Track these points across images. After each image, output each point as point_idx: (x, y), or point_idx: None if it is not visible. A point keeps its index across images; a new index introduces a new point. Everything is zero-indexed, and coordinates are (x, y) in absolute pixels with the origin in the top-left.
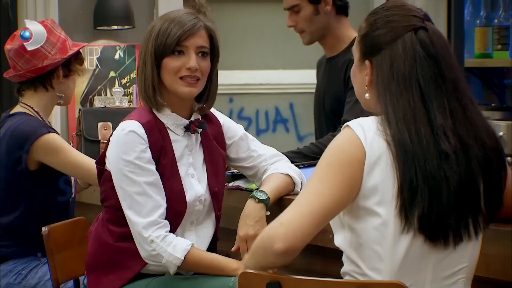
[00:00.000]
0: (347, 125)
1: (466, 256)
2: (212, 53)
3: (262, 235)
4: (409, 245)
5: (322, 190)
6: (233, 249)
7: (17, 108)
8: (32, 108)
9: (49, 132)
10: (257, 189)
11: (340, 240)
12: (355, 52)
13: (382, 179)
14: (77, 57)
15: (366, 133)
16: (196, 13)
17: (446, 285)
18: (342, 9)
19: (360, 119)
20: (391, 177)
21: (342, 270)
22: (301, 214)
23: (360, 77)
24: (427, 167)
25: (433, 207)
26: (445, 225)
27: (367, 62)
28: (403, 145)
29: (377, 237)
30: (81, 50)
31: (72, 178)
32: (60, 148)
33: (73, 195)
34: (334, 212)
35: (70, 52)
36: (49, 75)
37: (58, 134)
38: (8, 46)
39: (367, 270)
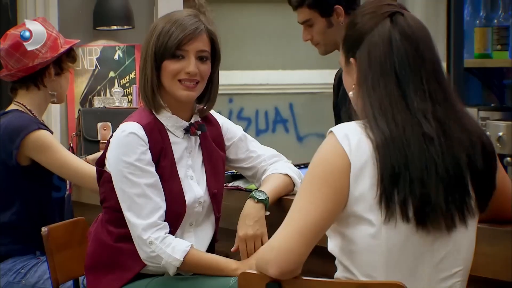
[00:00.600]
0: (331, 131)
1: (460, 255)
2: (213, 56)
3: (257, 259)
4: (403, 242)
5: (308, 207)
6: (232, 249)
7: (11, 107)
8: (25, 106)
9: (40, 128)
10: (256, 189)
11: (332, 245)
12: (341, 59)
13: (370, 183)
14: (69, 55)
15: (350, 140)
16: (198, 15)
17: None
18: None
19: (344, 124)
20: (375, 172)
21: (336, 275)
22: (290, 236)
23: (350, 80)
24: (407, 152)
25: (416, 190)
26: (434, 207)
27: (351, 59)
28: (382, 134)
29: (370, 246)
30: (80, 50)
31: None
32: (48, 146)
33: (68, 192)
34: (325, 226)
35: (61, 50)
36: (40, 73)
37: (51, 132)
38: (0, 45)
39: (362, 277)
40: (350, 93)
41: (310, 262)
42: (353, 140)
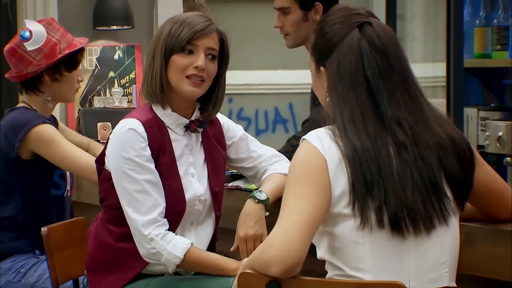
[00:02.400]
0: (304, 139)
1: (444, 247)
2: (221, 58)
3: (255, 259)
4: (382, 243)
5: (300, 203)
6: (232, 249)
7: (19, 104)
8: (30, 106)
9: (44, 122)
10: (257, 189)
11: (320, 252)
12: (311, 64)
13: (346, 182)
14: (71, 59)
15: (322, 142)
16: (209, 17)
17: (431, 279)
18: None
19: (315, 130)
20: (346, 177)
21: (327, 277)
22: (289, 232)
23: (321, 86)
24: (379, 161)
25: (391, 197)
26: (411, 213)
27: (322, 68)
28: (352, 145)
29: (354, 238)
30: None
31: (68, 174)
32: (51, 138)
33: (68, 193)
34: (318, 220)
35: (57, 57)
36: (34, 80)
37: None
38: (5, 47)
39: (350, 271)
40: (328, 100)
41: (310, 262)
42: (325, 141)
